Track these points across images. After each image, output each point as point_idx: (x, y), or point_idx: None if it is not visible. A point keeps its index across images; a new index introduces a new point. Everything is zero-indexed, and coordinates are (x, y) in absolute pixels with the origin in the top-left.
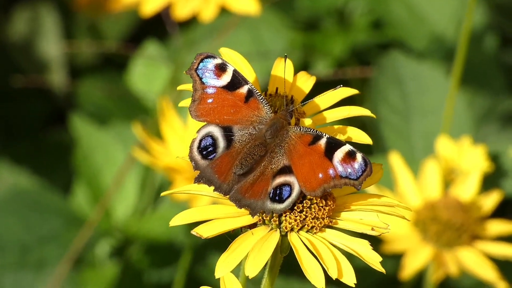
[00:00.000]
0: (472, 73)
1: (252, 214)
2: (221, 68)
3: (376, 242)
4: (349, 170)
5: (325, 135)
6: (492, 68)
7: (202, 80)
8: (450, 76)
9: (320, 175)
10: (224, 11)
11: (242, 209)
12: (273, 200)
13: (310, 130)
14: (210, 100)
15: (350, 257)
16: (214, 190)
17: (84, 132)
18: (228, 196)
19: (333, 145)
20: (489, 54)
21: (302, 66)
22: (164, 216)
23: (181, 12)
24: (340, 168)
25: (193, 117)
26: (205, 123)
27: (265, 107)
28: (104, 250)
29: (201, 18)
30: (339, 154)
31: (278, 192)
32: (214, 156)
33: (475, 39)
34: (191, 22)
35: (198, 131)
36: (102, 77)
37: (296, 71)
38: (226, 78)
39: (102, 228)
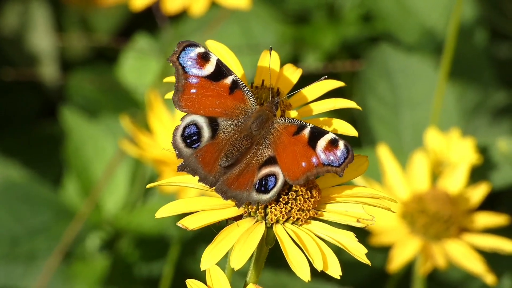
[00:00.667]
0: (463, 67)
1: (238, 205)
2: (204, 58)
3: (364, 234)
4: (332, 158)
5: (309, 125)
6: (482, 61)
7: (185, 69)
8: (439, 68)
9: (303, 164)
10: (214, 5)
11: (228, 200)
12: (258, 190)
13: (295, 120)
14: (193, 90)
15: (339, 251)
16: (199, 181)
17: (74, 125)
18: (214, 188)
19: (316, 134)
20: (479, 48)
21: (292, 59)
22: (154, 209)
23: (172, 6)
24: (323, 156)
25: (176, 107)
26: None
27: (251, 99)
28: (94, 243)
29: (191, 12)
30: (322, 142)
31: (263, 182)
32: (199, 145)
33: (465, 32)
34: (182, 15)
35: (182, 119)
36: (93, 70)
37: (286, 64)
38: (209, 68)
39: (92, 221)
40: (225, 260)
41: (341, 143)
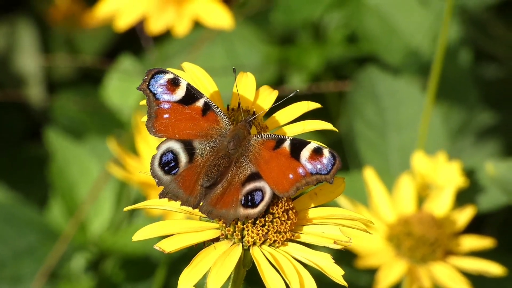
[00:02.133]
0: (447, 88)
1: (227, 223)
2: (174, 83)
3: (350, 256)
4: (319, 166)
5: (287, 138)
6: (467, 82)
7: (156, 96)
8: (425, 91)
9: (291, 176)
10: (198, 26)
11: (205, 223)
12: (245, 206)
13: (272, 135)
14: (166, 116)
15: (321, 275)
16: (181, 204)
17: (59, 146)
18: (196, 210)
19: (298, 145)
20: (464, 69)
21: (277, 80)
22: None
23: (155, 26)
24: (309, 166)
25: (151, 133)
26: (164, 138)
27: (224, 119)
28: (80, 264)
29: (175, 33)
30: (305, 152)
31: (249, 198)
32: (177, 171)
33: (450, 53)
34: (166, 36)
35: (157, 147)
36: (78, 91)
37: (272, 86)
38: (180, 93)
39: (78, 242)
40: (203, 282)
41: (325, 151)
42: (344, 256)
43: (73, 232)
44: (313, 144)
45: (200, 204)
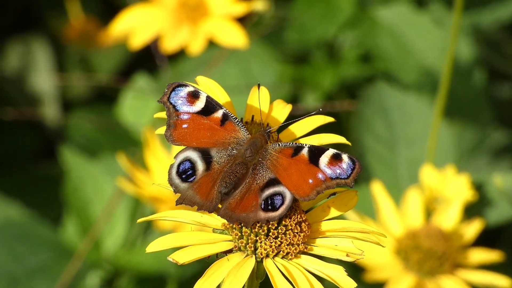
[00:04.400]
0: (461, 107)
1: (247, 226)
2: (194, 95)
3: (358, 270)
4: (338, 171)
5: (305, 145)
6: (481, 101)
7: (176, 107)
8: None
9: (311, 181)
10: (213, 44)
11: (218, 235)
12: (266, 210)
13: (289, 144)
14: (185, 126)
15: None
16: (198, 209)
17: (74, 164)
18: (209, 222)
19: (316, 152)
20: (478, 88)
21: (291, 99)
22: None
23: (170, 45)
24: (328, 171)
25: (169, 141)
26: (182, 147)
27: (242, 129)
28: (94, 281)
29: (189, 51)
30: (324, 159)
31: (269, 202)
32: (194, 178)
33: (464, 72)
34: (181, 55)
35: (175, 156)
36: (93, 110)
37: (276, 100)
38: (199, 104)
39: (92, 260)
40: None
41: (344, 156)
42: (352, 270)
43: (87, 250)
44: (332, 150)
45: (219, 209)
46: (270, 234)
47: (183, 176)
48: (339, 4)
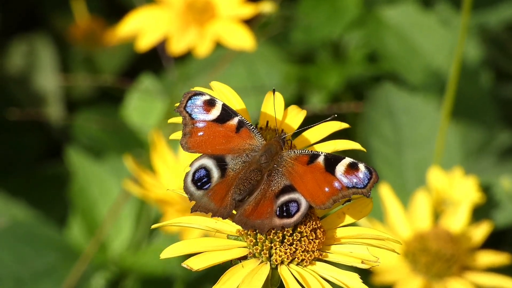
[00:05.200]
0: (467, 107)
1: (262, 232)
2: (210, 104)
3: (366, 273)
4: (355, 180)
5: (321, 153)
6: (487, 102)
7: (192, 116)
8: (441, 108)
9: (327, 189)
10: (219, 46)
11: (233, 241)
12: (281, 216)
13: (305, 151)
14: (200, 133)
15: None
16: (212, 216)
17: (79, 165)
18: (224, 228)
19: (332, 160)
20: (484, 89)
21: (297, 99)
22: (159, 250)
23: (177, 46)
24: (345, 180)
25: (184, 149)
26: (197, 154)
27: (257, 136)
28: (99, 283)
29: (196, 53)
30: (340, 167)
31: (285, 208)
32: (209, 186)
33: (470, 73)
34: (187, 56)
35: (191, 165)
36: (98, 110)
37: (290, 105)
38: (215, 112)
39: (97, 261)
40: None
41: (361, 166)
42: (360, 273)
43: (93, 251)
44: (348, 159)
45: (234, 215)
46: (285, 240)
47: (198, 183)
48: (345, 4)
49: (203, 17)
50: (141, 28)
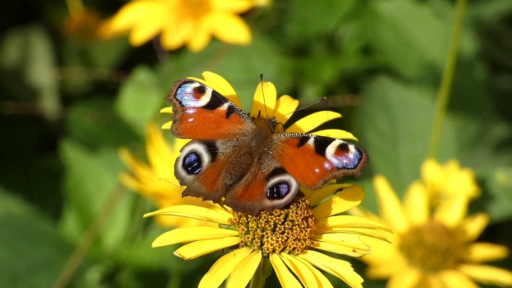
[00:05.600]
0: (462, 100)
1: (252, 214)
2: (199, 91)
3: (362, 266)
4: (345, 161)
5: (311, 136)
6: (482, 94)
7: (182, 103)
8: (437, 101)
9: (317, 170)
10: (214, 39)
11: (225, 230)
12: (271, 198)
13: (295, 134)
14: (191, 120)
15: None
16: (203, 199)
17: (75, 159)
18: (215, 216)
19: (322, 142)
20: (479, 81)
21: (291, 92)
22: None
23: (172, 40)
24: (335, 161)
25: (175, 135)
26: (187, 141)
27: (247, 120)
28: (95, 277)
29: (191, 46)
30: (330, 149)
31: (275, 190)
32: (200, 170)
33: (465, 66)
34: (182, 49)
35: (181, 150)
36: (93, 104)
37: (282, 96)
38: (205, 99)
39: (93, 255)
40: None
41: (351, 147)
42: (356, 266)
43: (88, 245)
44: (338, 141)
45: (223, 199)
46: (277, 229)
47: (189, 168)
48: None
49: (198, 10)
50: (136, 22)
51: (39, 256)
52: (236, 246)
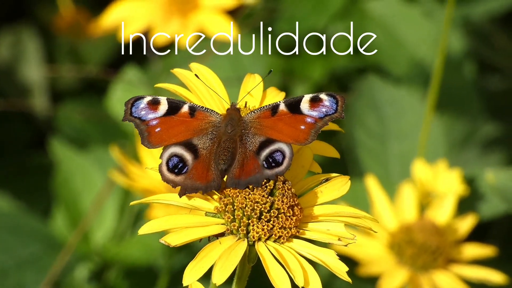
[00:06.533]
0: (451, 99)
1: (259, 185)
2: (154, 103)
3: (352, 264)
4: (324, 110)
5: (279, 102)
6: (471, 94)
7: (141, 118)
8: (426, 100)
9: (303, 127)
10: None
11: (211, 218)
12: (270, 167)
13: (262, 107)
14: (158, 129)
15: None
16: (203, 193)
17: (63, 156)
18: (202, 204)
19: (294, 103)
20: (468, 80)
21: (281, 90)
22: (142, 240)
23: (160, 37)
24: (315, 114)
25: (149, 147)
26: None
27: (212, 113)
28: (83, 274)
29: (180, 44)
30: (304, 105)
31: (271, 160)
32: (187, 169)
33: (454, 65)
34: (171, 47)
35: (161, 157)
36: (82, 101)
37: (269, 88)
38: (163, 108)
39: (81, 252)
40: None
41: (322, 95)
42: (345, 263)
43: (77, 242)
44: (307, 96)
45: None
46: (263, 217)
47: (176, 170)
48: None
49: (186, 8)
50: (124, 19)
51: (27, 252)
52: (222, 234)
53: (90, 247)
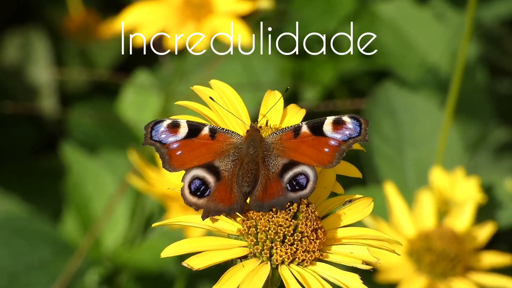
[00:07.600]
0: (464, 104)
1: (282, 208)
2: (174, 126)
3: (370, 271)
4: (347, 132)
5: (302, 124)
6: (483, 98)
7: (162, 142)
8: (443, 107)
9: (326, 150)
10: (216, 41)
11: (233, 241)
12: (293, 190)
13: (284, 128)
14: (179, 152)
15: None
16: (226, 215)
17: (74, 160)
18: (224, 227)
19: (316, 125)
20: (480, 85)
21: (292, 94)
22: (153, 246)
23: (174, 41)
24: (338, 136)
25: (171, 171)
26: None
27: (233, 134)
28: (93, 279)
29: (194, 48)
30: (327, 128)
31: (295, 183)
32: (210, 191)
33: (467, 69)
34: (183, 51)
35: (182, 180)
36: (93, 104)
37: (286, 100)
38: (183, 130)
39: (92, 256)
40: None
41: (345, 118)
42: (364, 271)
43: (87, 246)
44: (330, 118)
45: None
46: (286, 240)
47: (198, 193)
48: None
49: (200, 13)
50: (138, 23)
51: (37, 256)
52: (245, 257)
53: (101, 251)
